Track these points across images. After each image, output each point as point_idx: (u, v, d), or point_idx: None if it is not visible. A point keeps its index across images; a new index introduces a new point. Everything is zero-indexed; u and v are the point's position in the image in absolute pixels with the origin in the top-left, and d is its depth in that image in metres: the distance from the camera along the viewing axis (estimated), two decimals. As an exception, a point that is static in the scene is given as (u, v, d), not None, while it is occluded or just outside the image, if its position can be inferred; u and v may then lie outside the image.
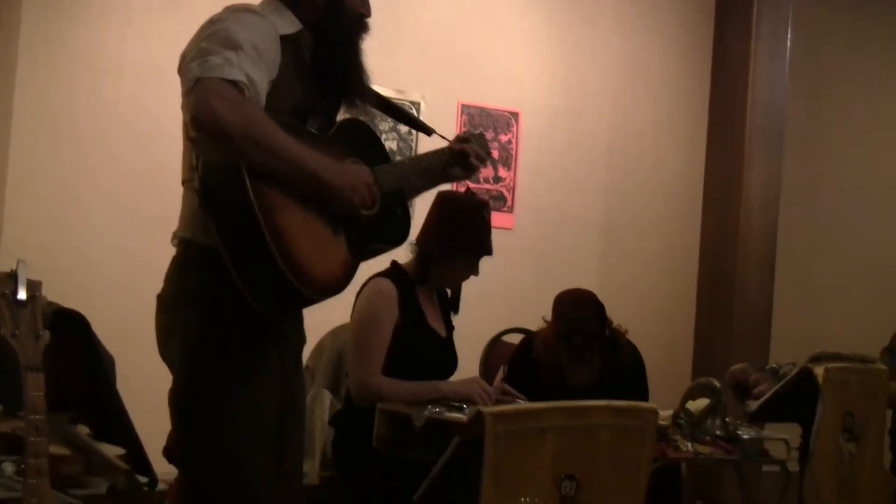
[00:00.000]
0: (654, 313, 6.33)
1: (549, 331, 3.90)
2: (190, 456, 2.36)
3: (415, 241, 3.52)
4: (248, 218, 2.19)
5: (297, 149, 2.27)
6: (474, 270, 3.53)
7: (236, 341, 2.36)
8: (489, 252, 3.52)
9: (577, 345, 3.76)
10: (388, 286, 3.40)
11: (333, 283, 2.37)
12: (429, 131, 2.94)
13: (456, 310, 3.64)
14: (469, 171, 2.92)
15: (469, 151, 2.88)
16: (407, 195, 2.75)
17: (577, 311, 3.80)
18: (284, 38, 2.40)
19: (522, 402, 3.47)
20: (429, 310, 3.51)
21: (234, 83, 2.20)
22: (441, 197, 3.57)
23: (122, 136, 5.04)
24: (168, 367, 2.45)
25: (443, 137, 2.97)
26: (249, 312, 2.30)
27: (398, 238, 2.67)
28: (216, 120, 2.14)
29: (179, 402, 2.40)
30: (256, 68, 2.26)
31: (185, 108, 2.26)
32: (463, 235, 3.47)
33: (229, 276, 2.23)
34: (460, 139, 2.93)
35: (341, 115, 2.60)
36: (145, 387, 4.84)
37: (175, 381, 2.41)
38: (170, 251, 2.49)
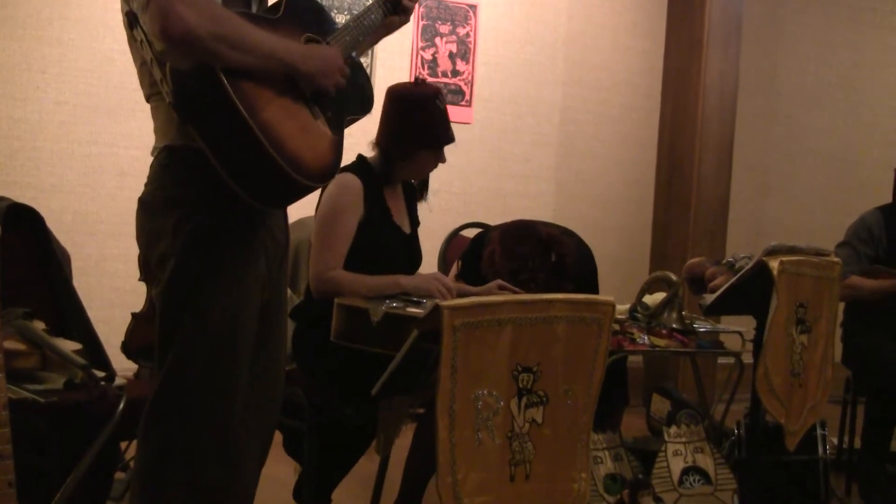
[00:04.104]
0: (612, 204, 6.38)
1: (496, 247, 3.89)
2: (174, 353, 2.36)
3: (375, 141, 3.49)
4: (234, 120, 2.18)
5: (268, 41, 2.28)
6: (440, 159, 3.51)
7: (224, 240, 2.36)
8: (451, 140, 3.48)
9: (523, 279, 3.77)
10: (353, 181, 3.36)
11: (328, 166, 2.40)
12: None
13: (424, 196, 3.63)
14: (407, 15, 2.89)
15: None
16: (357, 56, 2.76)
17: (522, 249, 3.79)
18: None
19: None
20: (394, 205, 3.49)
21: None
22: (391, 93, 3.50)
23: (72, 28, 4.94)
24: (153, 268, 2.43)
25: None
26: (236, 210, 2.31)
27: (367, 103, 2.69)
28: (185, 26, 2.11)
29: (168, 300, 2.39)
30: None
31: (145, 21, 2.21)
32: (422, 130, 3.42)
33: (216, 176, 2.23)
34: None
35: None
36: (102, 281, 4.87)
37: (165, 281, 2.38)
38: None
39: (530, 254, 3.79)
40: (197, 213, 2.34)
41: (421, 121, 3.42)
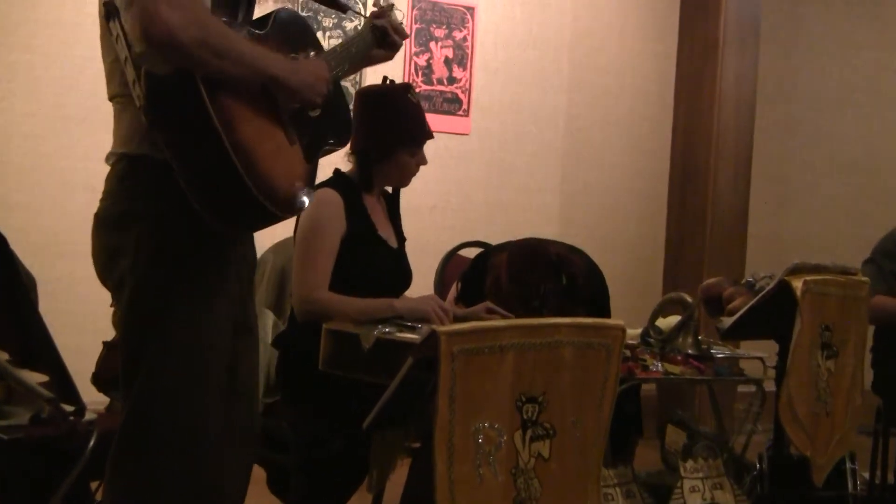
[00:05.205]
0: (621, 218, 6.37)
1: (501, 273, 3.88)
2: (140, 382, 2.34)
3: (350, 150, 3.50)
4: (207, 134, 2.16)
5: (255, 52, 2.28)
6: (421, 160, 3.52)
7: (191, 259, 2.35)
8: (430, 135, 3.51)
9: (535, 306, 3.77)
10: (332, 196, 3.37)
11: (299, 198, 2.38)
12: (344, 8, 2.97)
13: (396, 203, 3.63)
14: (393, 51, 2.95)
15: (388, 27, 2.90)
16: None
17: (531, 274, 3.79)
18: None
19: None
20: (378, 219, 3.50)
21: None
22: (361, 95, 3.56)
23: (41, 33, 4.93)
24: (111, 289, 2.41)
25: (358, 14, 3.01)
26: (204, 229, 2.28)
27: (345, 132, 2.70)
28: (169, 30, 2.10)
29: (131, 325, 2.37)
30: None
31: (127, 20, 2.20)
32: (397, 127, 3.45)
33: (180, 190, 2.21)
34: (375, 15, 2.94)
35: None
36: (71, 306, 4.83)
37: (126, 304, 2.36)
38: (97, 157, 2.42)
39: (540, 279, 3.78)
40: (159, 230, 2.32)
41: (394, 117, 3.45)
